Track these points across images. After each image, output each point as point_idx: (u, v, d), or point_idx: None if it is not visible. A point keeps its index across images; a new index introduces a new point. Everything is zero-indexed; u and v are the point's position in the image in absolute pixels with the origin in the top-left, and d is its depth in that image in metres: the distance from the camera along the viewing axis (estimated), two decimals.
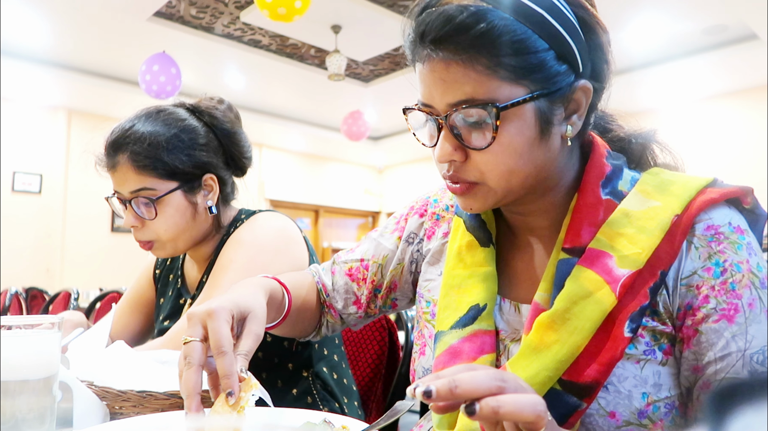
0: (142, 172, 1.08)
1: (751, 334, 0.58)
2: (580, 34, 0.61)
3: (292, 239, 1.17)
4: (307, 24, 4.61)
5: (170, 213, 1.10)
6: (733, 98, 5.82)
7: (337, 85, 5.50)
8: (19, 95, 5.88)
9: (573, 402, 0.59)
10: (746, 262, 0.60)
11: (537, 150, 0.62)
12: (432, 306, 0.79)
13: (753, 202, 0.65)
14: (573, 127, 0.63)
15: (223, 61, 5.42)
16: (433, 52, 0.59)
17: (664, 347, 0.62)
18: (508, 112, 0.59)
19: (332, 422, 0.63)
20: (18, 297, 3.31)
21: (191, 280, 1.28)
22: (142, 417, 0.64)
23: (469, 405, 0.45)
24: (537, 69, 0.58)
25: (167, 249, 1.15)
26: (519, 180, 0.63)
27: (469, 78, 0.58)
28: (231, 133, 1.19)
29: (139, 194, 1.09)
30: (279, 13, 2.93)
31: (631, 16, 4.42)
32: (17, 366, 0.57)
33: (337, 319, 0.92)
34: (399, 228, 0.89)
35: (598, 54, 0.64)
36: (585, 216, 0.65)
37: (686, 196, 0.63)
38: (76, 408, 0.67)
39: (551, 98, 0.60)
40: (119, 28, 4.60)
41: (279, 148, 8.23)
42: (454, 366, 0.66)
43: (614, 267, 0.61)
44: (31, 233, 6.02)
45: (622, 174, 0.68)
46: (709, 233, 0.61)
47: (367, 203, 9.45)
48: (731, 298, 0.59)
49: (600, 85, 0.65)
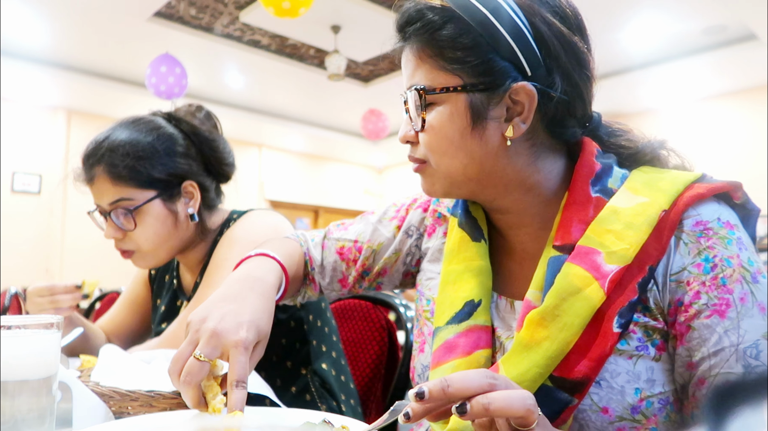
0: (119, 183, 1.07)
1: (744, 328, 0.58)
2: (529, 40, 0.62)
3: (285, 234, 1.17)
4: (307, 24, 4.61)
5: (150, 222, 1.10)
6: (732, 98, 5.83)
7: (336, 85, 5.50)
8: (19, 95, 5.88)
9: (564, 398, 0.60)
10: (736, 257, 0.60)
11: (470, 140, 0.65)
12: (432, 304, 0.79)
13: (743, 197, 0.65)
14: (515, 128, 0.64)
15: (223, 62, 5.42)
16: (398, 40, 0.69)
17: (656, 342, 0.62)
18: (439, 97, 0.65)
19: (332, 422, 0.63)
20: (17, 298, 3.30)
21: (187, 282, 1.28)
22: (143, 417, 0.64)
23: (460, 405, 0.46)
24: (472, 64, 0.62)
25: (148, 260, 1.14)
26: (457, 167, 0.67)
27: (417, 65, 0.66)
28: (209, 140, 1.18)
29: (118, 205, 1.08)
30: (284, 7, 2.93)
31: (631, 16, 4.43)
32: (17, 366, 0.57)
33: (316, 292, 0.92)
34: (399, 217, 0.89)
35: (555, 64, 0.63)
36: (575, 214, 0.65)
37: (673, 191, 0.63)
38: (75, 408, 0.67)
39: (487, 93, 0.63)
40: (119, 28, 4.60)
41: (279, 148, 8.23)
42: (450, 360, 0.67)
43: (602, 264, 0.61)
44: (31, 233, 6.02)
45: (612, 172, 0.68)
46: (698, 229, 0.61)
47: (367, 203, 9.45)
48: (722, 293, 0.59)
49: (555, 93, 0.64)
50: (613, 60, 5.27)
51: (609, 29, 4.64)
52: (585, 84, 0.67)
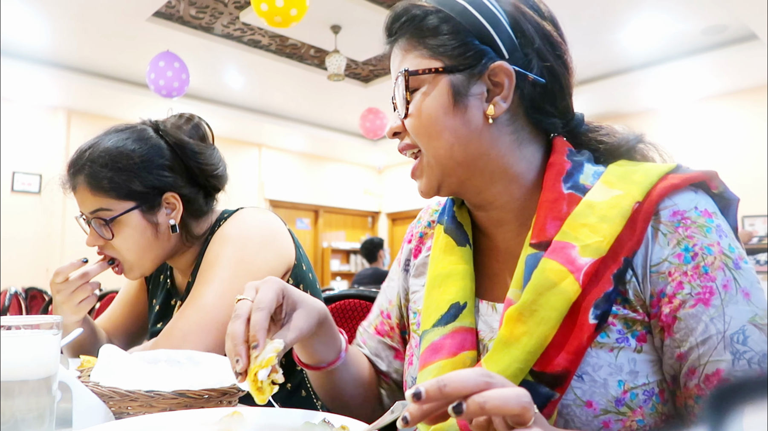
0: (98, 193, 1.09)
1: (729, 315, 0.58)
2: (505, 25, 0.68)
3: (277, 231, 1.17)
4: (307, 24, 4.61)
5: (128, 233, 1.11)
6: (732, 98, 5.83)
7: (336, 85, 5.50)
8: (19, 95, 5.88)
9: (546, 392, 0.60)
10: (717, 244, 0.60)
11: (452, 118, 0.68)
12: (418, 316, 0.80)
13: (721, 187, 0.65)
14: (496, 107, 0.68)
15: (223, 61, 5.42)
16: (387, 41, 0.75)
17: (637, 334, 0.62)
18: (422, 80, 0.69)
19: (331, 422, 0.63)
20: (17, 297, 3.31)
21: (180, 282, 1.28)
22: (143, 417, 0.64)
23: (456, 405, 0.46)
24: (451, 48, 0.68)
25: (134, 270, 1.15)
26: (444, 148, 0.69)
27: (403, 56, 0.72)
28: (195, 153, 1.17)
29: (96, 215, 1.10)
30: (275, 21, 3.08)
31: (631, 16, 4.43)
32: (17, 366, 0.57)
33: (390, 382, 0.91)
34: (398, 260, 0.92)
35: (530, 48, 0.69)
36: (549, 211, 0.67)
37: (647, 182, 0.64)
38: (75, 408, 0.67)
39: (467, 73, 0.68)
40: (119, 28, 4.60)
41: (279, 148, 8.23)
42: (435, 361, 0.68)
43: (577, 257, 0.62)
44: (31, 233, 6.02)
45: (583, 169, 0.70)
46: (676, 219, 0.62)
47: (367, 203, 9.45)
48: (705, 282, 0.59)
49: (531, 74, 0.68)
50: (613, 60, 5.27)
51: (609, 29, 4.65)
52: (562, 73, 0.70)
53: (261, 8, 3.05)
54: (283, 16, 3.05)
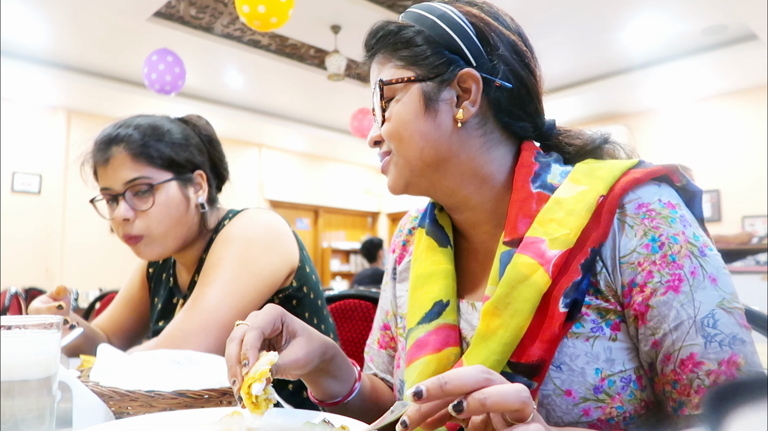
0: (139, 161, 1.11)
1: (698, 300, 0.61)
2: (471, 35, 0.72)
3: (282, 233, 1.18)
4: (307, 24, 4.61)
5: (166, 203, 1.12)
6: (732, 98, 5.83)
7: (336, 85, 5.51)
8: (19, 95, 5.88)
9: (523, 382, 0.61)
10: (682, 234, 0.64)
11: (423, 122, 0.72)
12: (404, 320, 0.82)
13: (683, 180, 0.69)
14: (464, 111, 0.71)
15: (223, 61, 5.42)
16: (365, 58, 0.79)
17: (611, 323, 0.65)
18: (396, 89, 0.73)
19: (331, 422, 0.63)
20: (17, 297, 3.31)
21: (183, 281, 1.28)
22: (143, 417, 0.64)
23: (457, 403, 0.47)
24: (422, 58, 0.72)
25: (155, 247, 1.15)
26: (415, 151, 0.73)
27: (379, 69, 0.76)
28: (215, 142, 1.26)
29: (135, 183, 1.11)
30: (254, 24, 3.17)
31: (631, 16, 4.43)
32: (17, 366, 0.57)
33: None
34: (387, 273, 0.94)
35: (496, 55, 0.72)
36: (519, 210, 0.70)
37: (610, 177, 0.67)
38: (75, 408, 0.68)
39: (437, 81, 0.72)
40: (119, 28, 4.61)
41: (278, 148, 8.23)
42: (421, 357, 0.70)
43: (546, 250, 0.65)
44: (31, 233, 6.02)
45: (550, 169, 0.73)
46: (641, 211, 0.65)
47: (367, 203, 9.45)
48: (673, 269, 0.62)
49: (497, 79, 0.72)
50: (613, 60, 5.27)
51: (609, 29, 4.65)
52: (528, 78, 0.74)
53: (243, 9, 3.13)
54: (263, 21, 3.14)
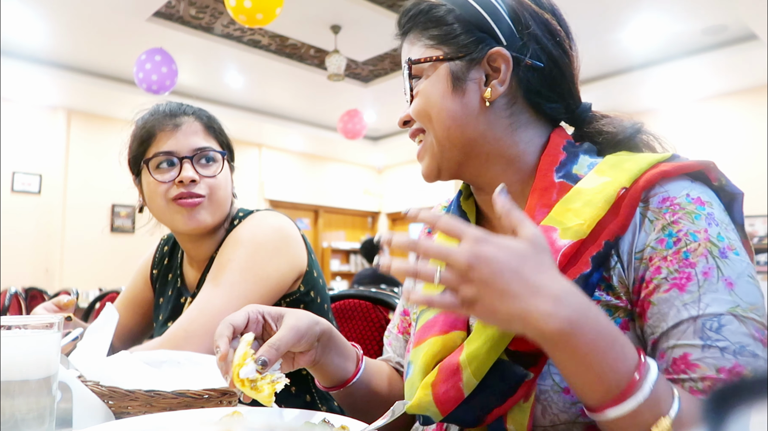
0: (208, 133, 1.22)
1: (705, 302, 0.57)
2: (503, 14, 0.72)
3: (291, 237, 1.18)
4: (307, 24, 4.61)
5: (225, 176, 1.20)
6: (732, 98, 5.83)
7: (336, 85, 5.50)
8: (19, 95, 5.88)
9: (520, 372, 0.61)
10: (704, 231, 0.60)
11: (450, 102, 0.72)
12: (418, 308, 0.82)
13: (722, 179, 0.65)
14: (492, 90, 0.71)
15: (223, 61, 5.42)
16: (398, 36, 0.80)
17: (619, 321, 0.62)
18: (425, 68, 0.74)
19: (331, 422, 0.63)
20: (17, 297, 3.31)
21: (190, 280, 1.28)
22: (143, 417, 0.64)
23: None
24: (452, 37, 0.72)
25: (209, 211, 1.18)
26: (442, 131, 0.72)
27: (410, 48, 0.76)
28: None
29: (205, 150, 1.18)
30: (240, 19, 3.20)
31: (631, 16, 4.43)
32: (17, 366, 0.57)
33: None
34: None
35: (527, 34, 0.72)
36: (539, 199, 0.68)
37: (636, 170, 0.64)
38: (75, 408, 0.67)
39: (466, 60, 0.71)
40: (119, 28, 4.60)
41: (278, 148, 8.23)
42: (427, 338, 0.70)
43: (557, 239, 0.63)
44: (31, 233, 6.02)
45: (578, 159, 0.71)
46: (664, 205, 0.62)
47: (367, 203, 9.45)
48: (683, 267, 0.59)
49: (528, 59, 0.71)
50: (613, 60, 5.27)
51: (609, 29, 4.65)
52: (561, 58, 0.73)
53: (229, 2, 3.16)
54: (249, 17, 3.16)
